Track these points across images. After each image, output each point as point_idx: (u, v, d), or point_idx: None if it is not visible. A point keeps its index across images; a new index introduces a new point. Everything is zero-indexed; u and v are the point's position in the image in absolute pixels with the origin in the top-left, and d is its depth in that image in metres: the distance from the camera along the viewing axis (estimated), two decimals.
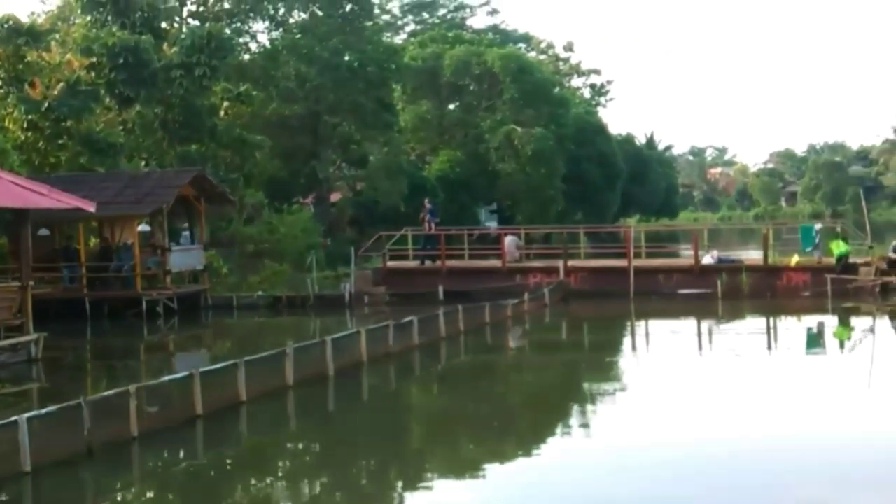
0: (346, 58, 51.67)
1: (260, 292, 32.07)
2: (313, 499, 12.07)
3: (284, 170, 49.51)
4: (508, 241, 33.55)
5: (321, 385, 17.70)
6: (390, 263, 33.47)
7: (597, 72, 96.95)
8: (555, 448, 13.75)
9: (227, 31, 45.13)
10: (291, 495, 12.17)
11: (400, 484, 12.41)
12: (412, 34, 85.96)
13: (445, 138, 68.04)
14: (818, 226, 32.63)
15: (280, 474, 13.16)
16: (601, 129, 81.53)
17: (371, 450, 14.02)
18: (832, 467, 11.91)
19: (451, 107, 70.33)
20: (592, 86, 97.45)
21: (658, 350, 22.64)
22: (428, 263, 33.73)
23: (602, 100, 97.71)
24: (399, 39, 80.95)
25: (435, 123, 68.38)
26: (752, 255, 34.56)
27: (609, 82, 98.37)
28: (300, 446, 14.76)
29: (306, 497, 12.11)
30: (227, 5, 51.38)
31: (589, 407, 16.49)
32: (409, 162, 60.14)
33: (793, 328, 26.15)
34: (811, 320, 26.43)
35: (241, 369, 15.75)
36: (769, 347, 22.70)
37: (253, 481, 12.62)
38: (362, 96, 50.51)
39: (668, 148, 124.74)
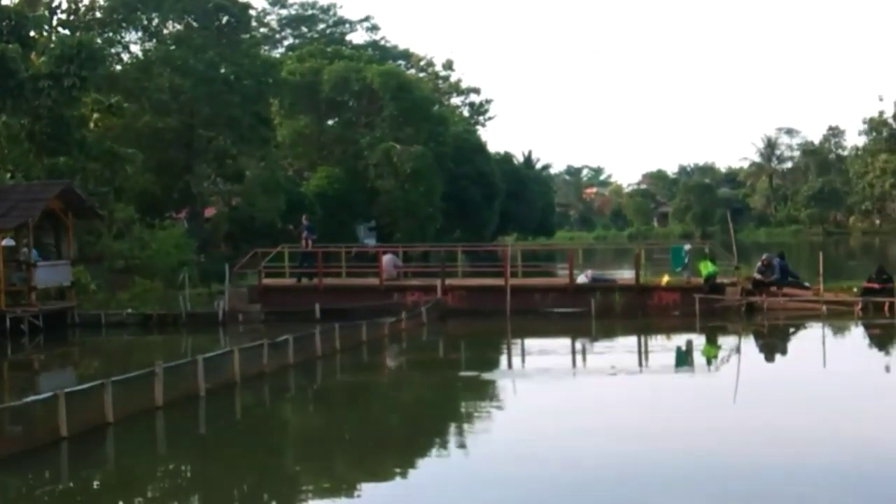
0: (222, 70, 51.01)
1: (130, 310, 31.25)
2: None
3: (157, 184, 48.48)
4: (386, 259, 33.50)
5: (192, 405, 17.31)
6: (266, 281, 33.02)
7: (476, 90, 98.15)
8: (431, 466, 13.74)
9: (99, 40, 44.00)
10: None
11: None
12: (290, 48, 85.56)
13: (324, 154, 67.72)
14: (687, 246, 33.51)
15: (149, 498, 12.78)
16: (480, 147, 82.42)
17: (244, 471, 13.73)
18: (700, 482, 12.16)
19: (330, 122, 70.13)
20: (472, 104, 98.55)
21: (533, 368, 22.87)
22: (305, 281, 33.42)
23: (481, 118, 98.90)
24: (277, 53, 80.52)
25: (313, 139, 68.04)
26: (625, 275, 35.36)
27: (488, 101, 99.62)
28: (170, 468, 14.37)
29: None
30: (98, 15, 50.06)
31: (465, 425, 16.53)
32: (287, 178, 59.59)
33: (663, 347, 26.76)
34: (680, 339, 27.10)
35: (107, 389, 15.29)
36: (640, 365, 23.17)
37: None
38: (238, 110, 49.87)
39: (546, 167, 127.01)
